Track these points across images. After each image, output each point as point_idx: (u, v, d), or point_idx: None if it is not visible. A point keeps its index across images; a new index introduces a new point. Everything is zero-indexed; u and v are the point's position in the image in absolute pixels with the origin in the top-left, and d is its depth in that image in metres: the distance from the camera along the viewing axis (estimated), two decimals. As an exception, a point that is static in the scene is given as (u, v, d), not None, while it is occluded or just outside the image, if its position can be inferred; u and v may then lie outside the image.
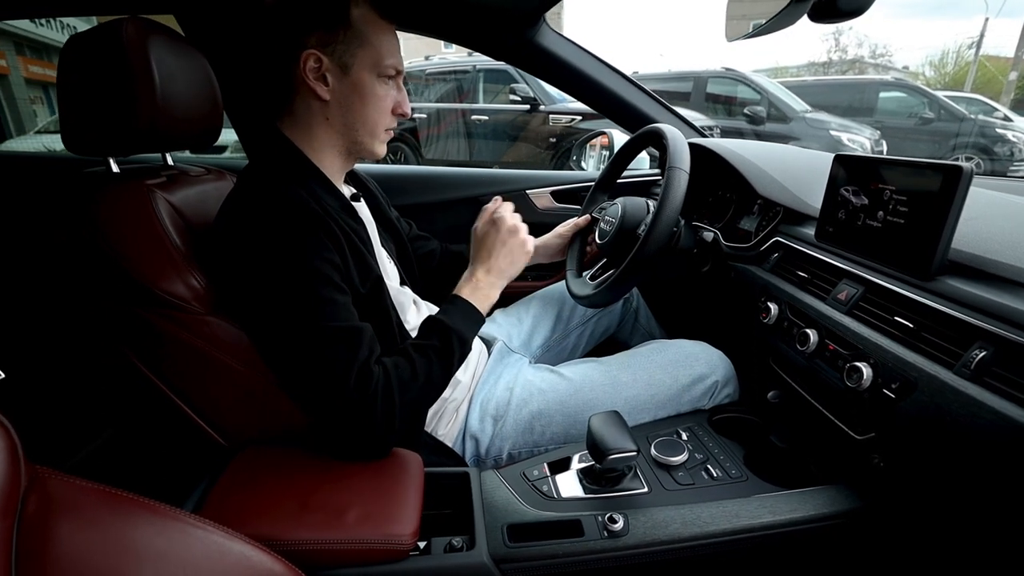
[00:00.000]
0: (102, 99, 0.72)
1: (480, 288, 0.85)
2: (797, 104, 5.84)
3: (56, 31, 10.85)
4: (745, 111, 5.75)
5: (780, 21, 0.58)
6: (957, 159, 0.62)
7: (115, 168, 0.78)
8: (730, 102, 6.17)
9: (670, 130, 0.92)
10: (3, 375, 1.18)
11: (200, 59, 0.82)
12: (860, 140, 5.49)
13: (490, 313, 1.23)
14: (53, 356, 1.01)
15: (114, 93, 0.71)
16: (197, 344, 0.72)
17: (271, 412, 0.76)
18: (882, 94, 7.13)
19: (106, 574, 0.41)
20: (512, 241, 0.88)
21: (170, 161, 0.90)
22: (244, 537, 0.49)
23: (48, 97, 11.10)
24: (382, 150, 0.83)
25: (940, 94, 6.94)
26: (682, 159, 0.86)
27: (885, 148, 5.74)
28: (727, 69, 6.13)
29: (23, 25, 10.36)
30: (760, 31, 0.62)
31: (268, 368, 0.74)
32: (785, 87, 6.36)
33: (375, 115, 0.79)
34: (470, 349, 0.80)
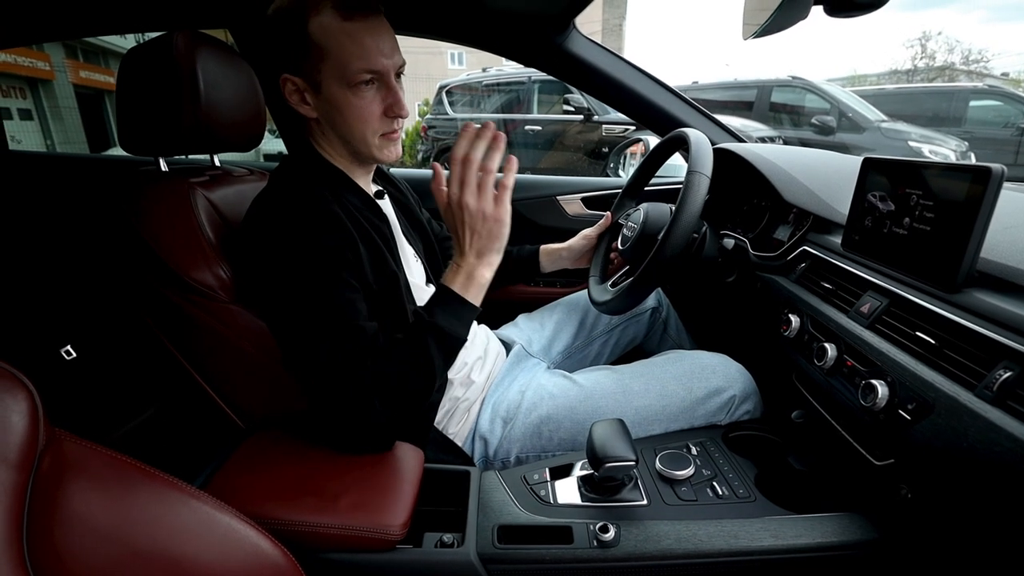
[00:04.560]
0: (152, 104, 0.79)
1: (462, 271, 0.74)
2: (872, 113, 5.44)
3: (155, 51, 12.01)
4: (813, 121, 5.41)
5: (787, 16, 0.56)
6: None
7: (164, 167, 0.86)
8: (797, 112, 5.84)
9: (694, 133, 0.89)
10: (75, 354, 1.31)
11: (246, 69, 0.88)
12: (943, 152, 5.02)
13: (514, 317, 1.24)
14: (109, 338, 1.12)
15: (163, 98, 0.78)
16: (220, 329, 0.77)
17: (285, 398, 0.80)
18: (973, 102, 6.51)
19: (105, 532, 0.44)
20: (483, 228, 0.72)
21: (216, 162, 0.98)
22: (235, 512, 0.51)
23: (148, 110, 12.28)
24: (386, 155, 0.80)
25: (1044, 102, 6.27)
26: (703, 163, 0.84)
27: (973, 160, 5.25)
28: (794, 77, 5.82)
29: (127, 45, 11.54)
30: (769, 26, 0.59)
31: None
32: (860, 96, 5.96)
33: (358, 126, 0.76)
34: (459, 343, 0.74)
